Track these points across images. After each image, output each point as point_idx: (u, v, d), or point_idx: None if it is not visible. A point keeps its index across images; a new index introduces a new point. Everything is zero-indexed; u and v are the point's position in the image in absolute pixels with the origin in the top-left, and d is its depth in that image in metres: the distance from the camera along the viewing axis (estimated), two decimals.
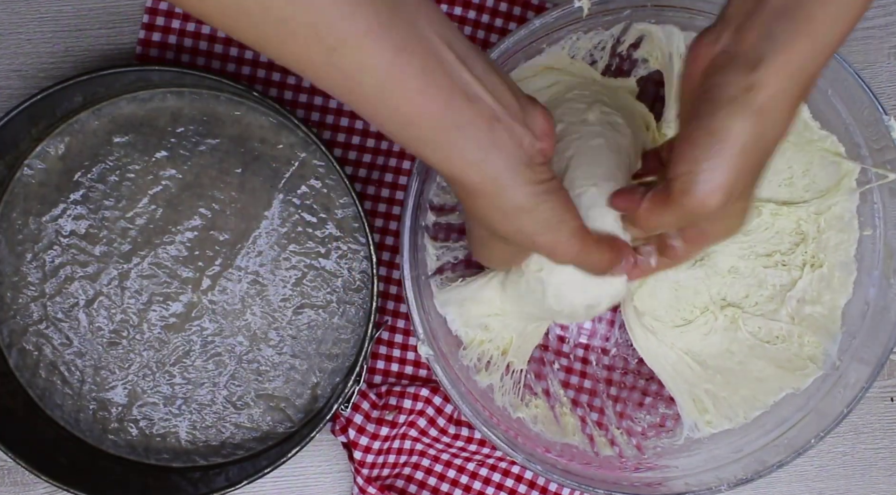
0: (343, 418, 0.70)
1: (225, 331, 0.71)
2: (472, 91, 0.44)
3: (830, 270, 0.67)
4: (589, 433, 0.70)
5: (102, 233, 0.70)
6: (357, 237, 0.70)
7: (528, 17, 0.72)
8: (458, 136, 0.44)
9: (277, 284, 0.70)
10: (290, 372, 0.71)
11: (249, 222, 0.70)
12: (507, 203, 0.46)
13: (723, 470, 0.65)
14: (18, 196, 0.70)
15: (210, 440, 0.71)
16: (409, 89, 0.42)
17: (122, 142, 0.70)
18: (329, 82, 0.42)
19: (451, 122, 0.43)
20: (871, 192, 0.65)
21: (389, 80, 0.41)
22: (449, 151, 0.44)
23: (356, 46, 0.40)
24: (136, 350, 0.71)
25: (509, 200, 0.46)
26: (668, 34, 0.65)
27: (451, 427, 0.71)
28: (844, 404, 0.63)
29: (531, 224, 0.47)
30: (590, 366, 0.72)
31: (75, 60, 0.72)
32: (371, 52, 0.40)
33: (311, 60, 0.41)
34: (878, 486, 0.75)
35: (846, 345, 0.66)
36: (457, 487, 0.73)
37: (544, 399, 0.70)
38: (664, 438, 0.70)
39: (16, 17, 0.71)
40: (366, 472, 0.71)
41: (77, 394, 0.71)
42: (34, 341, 0.70)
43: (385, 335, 0.73)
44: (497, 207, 0.47)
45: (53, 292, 0.70)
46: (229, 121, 0.70)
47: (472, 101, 0.44)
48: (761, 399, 0.68)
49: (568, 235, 0.48)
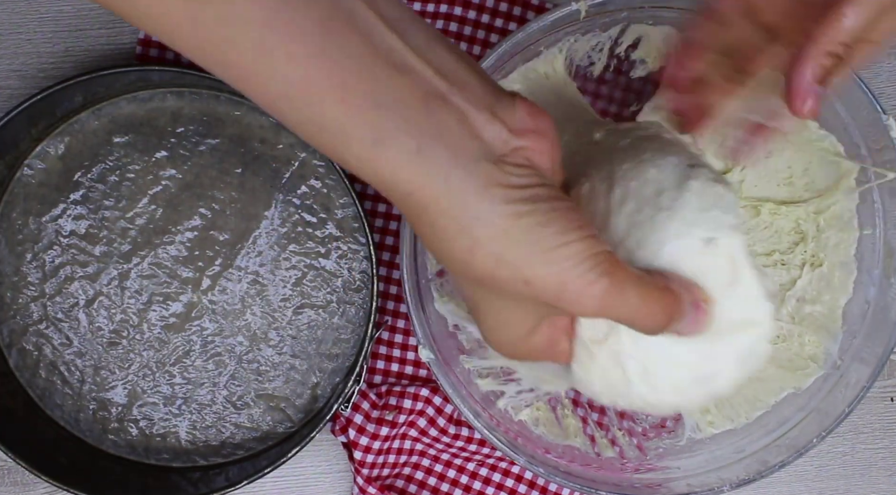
0: (343, 418, 0.70)
1: (225, 331, 0.71)
2: (401, 59, 0.32)
3: (830, 270, 0.67)
4: (590, 434, 0.70)
5: (102, 233, 0.70)
6: (357, 237, 0.70)
7: (528, 17, 0.72)
8: (379, 117, 0.31)
9: (277, 284, 0.70)
10: (290, 373, 0.71)
11: (249, 222, 0.70)
12: (464, 214, 0.32)
13: (725, 471, 0.64)
14: (18, 196, 0.70)
15: (210, 440, 0.71)
16: (301, 52, 0.30)
17: (122, 142, 0.70)
18: (193, 44, 0.32)
19: (369, 99, 0.31)
20: (871, 192, 0.65)
21: (271, 36, 0.30)
22: (367, 144, 0.32)
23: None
24: (136, 350, 0.71)
25: (467, 210, 0.32)
26: (665, 35, 0.65)
27: (451, 427, 0.71)
28: (846, 403, 0.63)
29: (512, 248, 0.32)
30: None
31: (75, 60, 0.72)
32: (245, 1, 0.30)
33: (169, 15, 0.31)
34: (878, 486, 0.75)
35: (847, 345, 0.66)
36: (457, 487, 0.73)
37: (545, 400, 0.70)
38: (666, 439, 0.70)
39: (16, 17, 0.71)
40: (366, 472, 0.71)
41: (77, 394, 0.71)
42: (34, 341, 0.70)
43: (385, 335, 0.73)
44: (455, 226, 0.32)
45: (53, 292, 0.70)
46: (229, 121, 0.70)
47: (400, 72, 0.32)
48: (763, 399, 0.68)
49: (582, 267, 0.33)
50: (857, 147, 0.64)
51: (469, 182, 0.32)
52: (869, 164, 0.64)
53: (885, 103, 0.69)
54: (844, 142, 0.65)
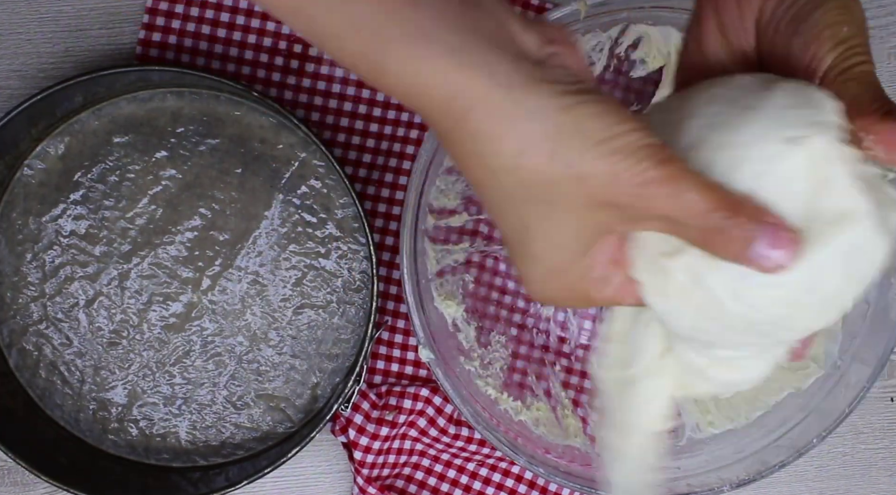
0: (343, 418, 0.70)
1: (225, 331, 0.71)
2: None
3: None
4: (590, 433, 0.70)
5: (102, 233, 0.70)
6: (357, 237, 0.70)
7: (528, 17, 0.72)
8: (417, 14, 0.30)
9: (277, 284, 0.70)
10: (290, 373, 0.71)
11: (249, 222, 0.70)
12: (515, 111, 0.30)
13: (725, 471, 0.65)
14: (18, 196, 0.70)
15: (210, 440, 0.71)
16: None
17: (122, 142, 0.70)
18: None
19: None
20: None
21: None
22: (406, 42, 0.30)
23: None
24: (136, 350, 0.71)
25: (518, 105, 0.30)
26: (665, 35, 0.65)
27: (451, 427, 0.71)
28: (846, 403, 0.63)
29: (564, 142, 0.30)
30: (591, 366, 0.72)
31: (75, 60, 0.72)
32: None
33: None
34: (878, 486, 0.75)
35: (847, 345, 0.66)
36: (457, 487, 0.73)
37: (546, 400, 0.70)
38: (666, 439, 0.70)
39: (16, 17, 0.71)
40: (366, 472, 0.71)
41: (77, 394, 0.71)
42: (34, 341, 0.70)
43: (385, 335, 0.73)
44: (502, 126, 0.30)
45: (53, 292, 0.70)
46: (229, 121, 0.70)
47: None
48: (763, 399, 0.68)
49: (634, 158, 0.30)
50: None
51: (515, 78, 0.30)
52: None
53: None
54: None
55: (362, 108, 0.72)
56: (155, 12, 0.71)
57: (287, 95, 0.72)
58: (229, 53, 0.71)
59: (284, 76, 0.72)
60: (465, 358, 0.68)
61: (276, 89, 0.72)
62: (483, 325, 0.71)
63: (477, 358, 0.69)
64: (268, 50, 0.71)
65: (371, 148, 0.72)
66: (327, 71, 0.72)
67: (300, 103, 0.72)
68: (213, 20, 0.71)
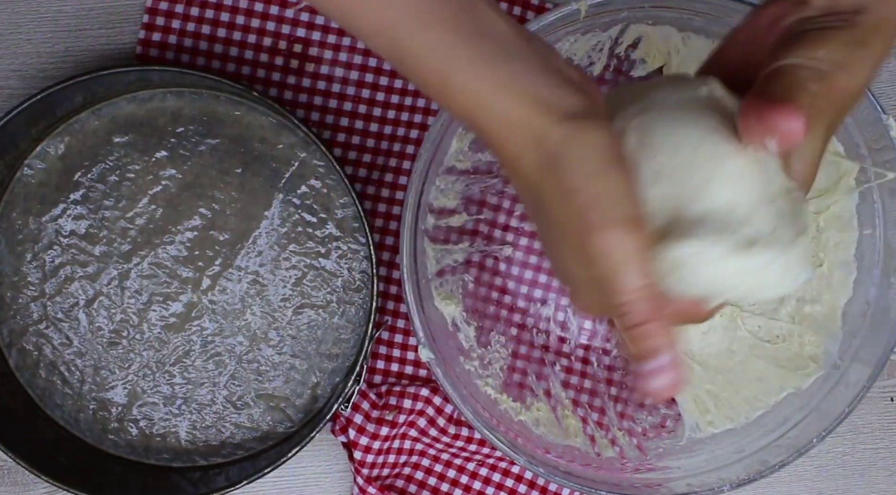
0: (343, 418, 0.70)
1: (225, 330, 0.71)
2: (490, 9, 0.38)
3: (830, 269, 0.67)
4: (590, 433, 0.70)
5: (102, 233, 0.70)
6: (357, 237, 0.70)
7: (528, 17, 0.72)
8: (480, 43, 0.37)
9: (277, 284, 0.71)
10: (290, 373, 0.71)
11: (249, 222, 0.70)
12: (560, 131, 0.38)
13: (725, 471, 0.64)
14: (18, 196, 0.70)
15: (210, 440, 0.71)
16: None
17: (122, 142, 0.70)
18: None
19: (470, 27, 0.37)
20: (871, 191, 0.65)
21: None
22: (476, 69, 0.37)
23: None
24: (136, 350, 0.71)
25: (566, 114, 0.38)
26: (665, 35, 0.66)
27: (451, 427, 0.71)
28: (846, 403, 0.63)
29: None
30: (591, 366, 0.72)
31: (75, 60, 0.72)
32: None
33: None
34: (878, 486, 0.75)
35: (847, 345, 0.66)
36: (457, 487, 0.73)
37: (546, 400, 0.70)
38: (666, 439, 0.70)
39: (16, 17, 0.72)
40: (366, 472, 0.71)
41: (77, 394, 0.71)
42: (34, 341, 0.70)
43: (385, 335, 0.73)
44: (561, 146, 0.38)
45: (53, 292, 0.70)
46: (229, 121, 0.70)
47: (496, 12, 0.38)
48: (763, 399, 0.68)
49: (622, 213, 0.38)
50: (857, 146, 0.64)
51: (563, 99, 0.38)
52: (869, 164, 0.64)
53: (885, 103, 0.69)
54: (844, 142, 0.65)
55: (362, 108, 0.72)
56: (155, 12, 0.71)
57: (287, 95, 0.72)
58: (229, 53, 0.71)
59: (284, 76, 0.72)
60: (464, 358, 0.68)
61: (276, 89, 0.72)
62: (483, 325, 0.71)
63: (477, 358, 0.69)
64: (268, 50, 0.71)
65: (371, 148, 0.72)
66: (327, 71, 0.72)
67: (300, 103, 0.72)
68: (213, 20, 0.71)
